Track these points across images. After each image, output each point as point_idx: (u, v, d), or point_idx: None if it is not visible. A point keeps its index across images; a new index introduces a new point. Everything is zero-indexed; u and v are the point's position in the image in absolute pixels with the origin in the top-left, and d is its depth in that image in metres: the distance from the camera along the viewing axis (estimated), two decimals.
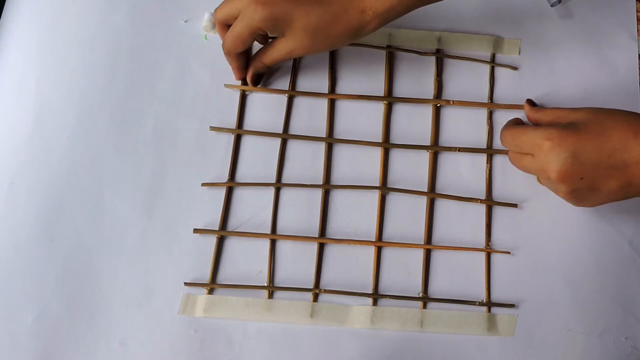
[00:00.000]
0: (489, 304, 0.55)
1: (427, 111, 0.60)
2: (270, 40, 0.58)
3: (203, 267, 0.56)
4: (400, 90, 0.61)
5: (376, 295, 0.55)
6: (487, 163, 0.59)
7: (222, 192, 0.58)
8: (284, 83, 0.61)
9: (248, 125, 0.60)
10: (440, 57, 0.62)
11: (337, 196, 0.58)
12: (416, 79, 0.61)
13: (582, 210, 0.57)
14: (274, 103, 0.61)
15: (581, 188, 0.50)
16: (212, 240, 0.56)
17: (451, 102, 0.60)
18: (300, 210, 0.58)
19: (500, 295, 0.55)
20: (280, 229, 0.57)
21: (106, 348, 0.54)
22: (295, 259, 0.56)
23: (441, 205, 0.58)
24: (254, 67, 0.59)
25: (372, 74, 0.61)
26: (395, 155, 0.59)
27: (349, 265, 0.56)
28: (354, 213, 0.58)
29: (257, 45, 0.59)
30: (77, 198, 0.57)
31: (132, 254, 0.56)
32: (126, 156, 0.59)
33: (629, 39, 0.62)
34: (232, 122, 0.60)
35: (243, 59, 0.59)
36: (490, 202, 0.57)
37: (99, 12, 0.63)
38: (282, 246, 0.57)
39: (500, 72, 0.61)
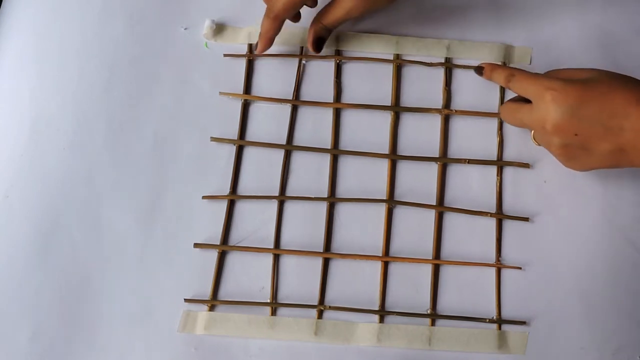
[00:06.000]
0: (500, 321, 0.56)
1: (436, 121, 0.62)
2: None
3: (204, 282, 0.58)
4: (407, 99, 0.63)
5: (383, 312, 0.57)
6: (497, 175, 0.60)
7: (223, 205, 0.60)
8: (287, 92, 0.63)
9: (250, 136, 0.62)
10: (449, 67, 0.64)
11: (342, 209, 0.60)
12: (424, 88, 0.63)
13: (596, 224, 0.59)
14: (277, 113, 0.63)
15: (573, 144, 0.52)
16: (213, 255, 0.58)
17: (454, 111, 0.62)
18: (304, 224, 0.59)
19: (511, 312, 0.57)
20: (283, 244, 0.59)
21: None
22: (299, 275, 0.58)
23: (450, 219, 0.60)
24: (314, 32, 0.61)
25: (379, 83, 0.63)
26: (403, 167, 0.61)
27: (355, 281, 0.58)
28: (360, 227, 0.59)
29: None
30: (73, 211, 0.59)
31: (131, 269, 0.58)
32: (124, 168, 0.61)
33: None
34: (234, 133, 0.62)
35: (280, 27, 0.61)
36: (500, 216, 0.59)
37: (96, 20, 0.66)
38: (286, 261, 0.59)
39: None
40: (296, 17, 0.63)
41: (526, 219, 0.59)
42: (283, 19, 0.60)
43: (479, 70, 0.60)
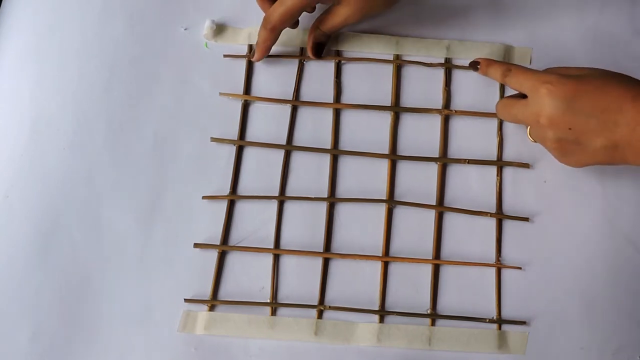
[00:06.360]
0: (500, 321, 0.57)
1: (436, 122, 0.63)
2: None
3: (204, 282, 0.58)
4: (407, 100, 0.63)
5: (383, 312, 0.57)
6: (497, 175, 0.61)
7: (223, 206, 0.60)
8: (287, 92, 0.64)
9: (250, 136, 0.62)
10: (449, 67, 0.64)
11: (342, 210, 0.60)
12: (424, 88, 0.63)
13: (596, 224, 0.59)
14: (277, 113, 0.63)
15: (567, 138, 0.52)
16: (213, 255, 0.59)
17: (454, 112, 0.62)
18: (304, 224, 0.60)
19: (511, 312, 0.57)
20: (283, 244, 0.59)
21: None
22: (299, 275, 0.58)
23: (450, 219, 0.60)
24: (314, 37, 0.63)
25: (379, 83, 0.64)
26: (403, 167, 0.61)
27: (355, 281, 0.58)
28: (360, 227, 0.60)
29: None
30: (73, 212, 0.60)
31: (131, 269, 0.58)
32: (124, 168, 0.61)
33: None
34: (234, 133, 0.62)
35: (277, 37, 0.62)
36: (500, 216, 0.59)
37: (96, 20, 0.66)
38: (286, 261, 0.59)
39: None
40: (294, 25, 0.63)
41: (526, 219, 0.59)
42: (280, 30, 0.61)
43: (475, 65, 0.60)
